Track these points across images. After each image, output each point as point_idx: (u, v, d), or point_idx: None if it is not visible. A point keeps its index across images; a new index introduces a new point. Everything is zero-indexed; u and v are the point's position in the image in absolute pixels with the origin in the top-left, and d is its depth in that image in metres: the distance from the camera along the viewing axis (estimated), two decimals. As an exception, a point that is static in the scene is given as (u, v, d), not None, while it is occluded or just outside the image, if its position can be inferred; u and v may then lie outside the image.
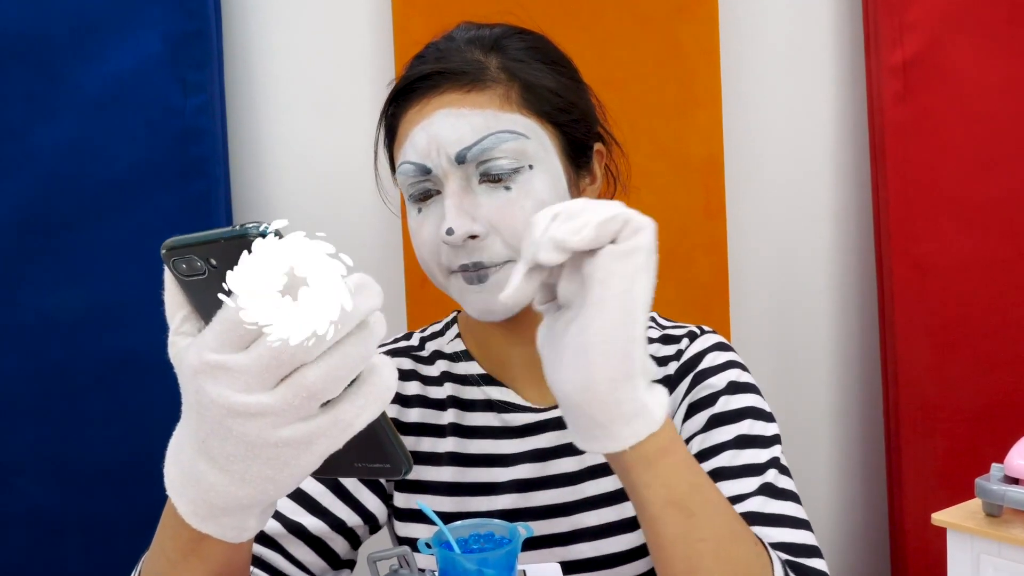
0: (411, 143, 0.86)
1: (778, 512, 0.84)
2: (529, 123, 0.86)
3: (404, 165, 0.87)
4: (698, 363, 0.95)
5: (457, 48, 0.89)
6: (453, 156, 0.84)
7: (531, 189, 0.85)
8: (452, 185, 0.84)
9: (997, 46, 1.47)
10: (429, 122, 0.85)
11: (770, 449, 0.88)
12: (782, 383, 1.55)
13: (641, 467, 0.67)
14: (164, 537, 0.62)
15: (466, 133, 0.84)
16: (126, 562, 1.38)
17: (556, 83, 0.89)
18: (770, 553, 0.74)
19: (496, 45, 0.89)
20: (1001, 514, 0.69)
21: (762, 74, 1.54)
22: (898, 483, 1.49)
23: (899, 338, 1.48)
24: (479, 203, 0.84)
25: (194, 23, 1.39)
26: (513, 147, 0.84)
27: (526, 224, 0.71)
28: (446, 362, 0.98)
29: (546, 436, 0.95)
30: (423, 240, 0.88)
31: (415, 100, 0.88)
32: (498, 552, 0.72)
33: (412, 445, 0.95)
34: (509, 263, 0.84)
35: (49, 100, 1.38)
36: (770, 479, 0.85)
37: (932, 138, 1.48)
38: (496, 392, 0.96)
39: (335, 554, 0.92)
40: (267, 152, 1.49)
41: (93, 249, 1.39)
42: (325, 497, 0.91)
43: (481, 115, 0.85)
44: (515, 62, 0.88)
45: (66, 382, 1.40)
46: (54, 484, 1.40)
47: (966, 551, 0.69)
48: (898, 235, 1.48)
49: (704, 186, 1.49)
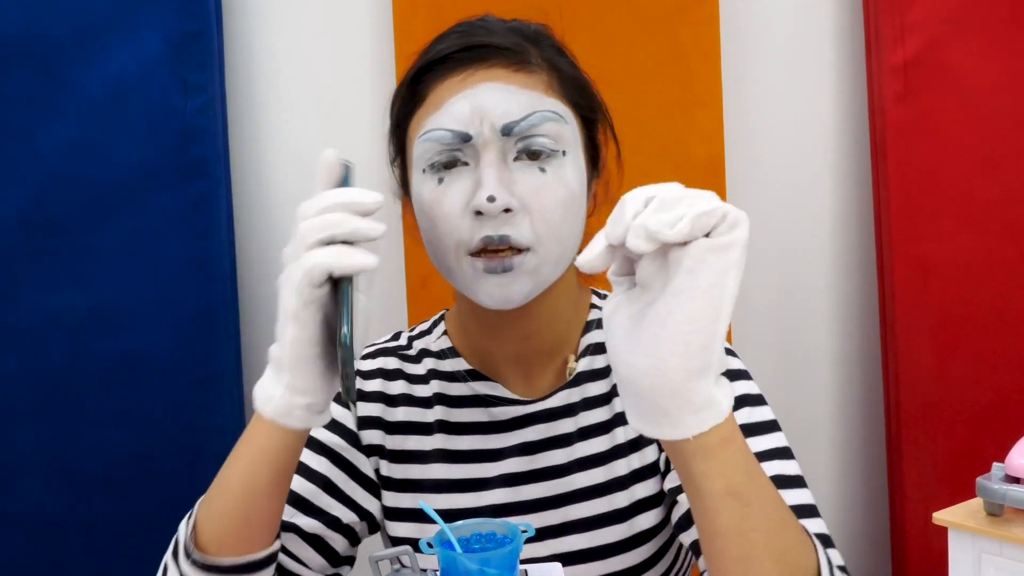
0: (448, 111, 0.85)
1: (796, 503, 0.84)
2: (566, 110, 0.88)
3: (438, 132, 0.85)
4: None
5: (500, 30, 0.90)
6: (499, 127, 0.84)
7: (563, 175, 0.86)
8: (491, 155, 0.84)
9: (998, 46, 1.47)
10: (474, 92, 0.85)
11: (771, 436, 0.89)
12: (783, 383, 1.55)
13: (700, 456, 0.67)
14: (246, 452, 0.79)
15: (513, 108, 0.85)
16: (127, 563, 1.38)
17: (586, 82, 0.93)
18: (814, 541, 0.75)
19: (535, 37, 0.91)
20: (1002, 513, 0.69)
21: (763, 74, 1.54)
22: (899, 482, 1.49)
23: (900, 338, 1.48)
24: (515, 179, 0.85)
25: (195, 24, 1.39)
26: (555, 128, 0.86)
27: (553, 208, 0.82)
28: (433, 360, 0.99)
29: (534, 429, 0.95)
30: (443, 212, 0.85)
31: (458, 69, 0.87)
32: (500, 551, 0.72)
33: (399, 444, 0.96)
34: (530, 252, 0.84)
35: (50, 101, 1.38)
36: (777, 470, 0.86)
37: (933, 138, 1.48)
38: (483, 387, 0.96)
39: (334, 551, 0.93)
40: (267, 152, 1.49)
41: (94, 250, 1.39)
42: (317, 496, 0.92)
43: (527, 95, 0.86)
44: (554, 55, 0.91)
45: (67, 383, 1.40)
46: (55, 485, 1.40)
47: (967, 550, 0.69)
48: (899, 235, 1.48)
49: (705, 186, 1.46)
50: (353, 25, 1.48)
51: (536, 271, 0.85)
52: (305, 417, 0.77)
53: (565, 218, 0.86)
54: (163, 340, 1.41)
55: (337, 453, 0.94)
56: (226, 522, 0.80)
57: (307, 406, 0.76)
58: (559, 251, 0.87)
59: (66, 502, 1.40)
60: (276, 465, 0.79)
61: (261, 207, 1.49)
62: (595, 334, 0.98)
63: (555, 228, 0.85)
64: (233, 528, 0.80)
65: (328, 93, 1.48)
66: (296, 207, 0.74)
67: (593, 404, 0.95)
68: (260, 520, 0.81)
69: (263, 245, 1.50)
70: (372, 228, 0.74)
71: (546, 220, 0.84)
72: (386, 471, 0.96)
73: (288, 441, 0.79)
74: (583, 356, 0.97)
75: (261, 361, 1.51)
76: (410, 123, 0.90)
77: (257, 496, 0.80)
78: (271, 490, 0.80)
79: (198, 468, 1.43)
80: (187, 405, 1.41)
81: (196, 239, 1.41)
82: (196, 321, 1.42)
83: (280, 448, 0.79)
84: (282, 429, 0.77)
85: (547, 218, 0.84)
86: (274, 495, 0.81)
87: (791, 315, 1.57)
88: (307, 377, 0.75)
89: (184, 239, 1.41)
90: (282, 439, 0.78)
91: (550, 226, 0.85)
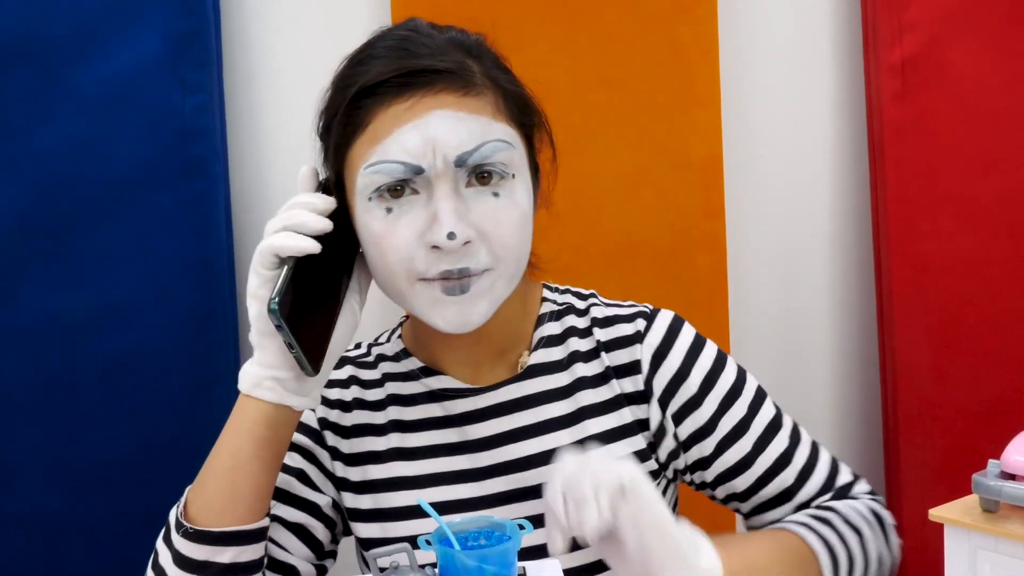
0: (397, 141, 0.84)
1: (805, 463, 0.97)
2: (513, 134, 0.88)
3: (388, 164, 0.84)
4: (663, 358, 0.96)
5: (440, 46, 0.87)
6: (452, 159, 0.84)
7: (516, 198, 0.87)
8: (445, 187, 0.84)
9: (997, 45, 1.47)
10: (424, 122, 0.84)
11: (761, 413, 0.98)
12: (781, 381, 1.55)
13: None
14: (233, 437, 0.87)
15: (465, 137, 0.84)
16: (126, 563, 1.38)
17: (526, 96, 0.93)
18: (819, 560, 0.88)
19: (476, 51, 0.90)
20: (998, 510, 0.69)
21: (761, 73, 1.54)
22: (896, 479, 1.50)
23: (898, 336, 1.48)
24: (469, 207, 0.85)
25: (193, 22, 1.39)
26: (506, 155, 0.86)
27: (511, 234, 0.86)
28: (389, 363, 1.01)
29: (494, 423, 0.96)
30: (395, 244, 0.86)
31: (402, 96, 0.85)
32: (498, 548, 0.72)
33: (354, 447, 0.98)
34: (488, 272, 0.86)
35: (48, 100, 1.38)
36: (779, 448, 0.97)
37: (931, 137, 1.48)
38: (434, 381, 0.98)
39: (317, 541, 0.96)
40: (266, 151, 1.49)
41: (92, 249, 1.39)
42: (294, 486, 0.96)
43: (477, 121, 0.85)
44: (495, 70, 0.90)
45: (65, 382, 1.40)
46: (53, 484, 1.40)
47: (963, 546, 0.69)
48: (897, 234, 1.48)
49: (703, 186, 1.49)
50: (352, 24, 1.47)
51: (492, 289, 0.87)
52: (276, 390, 0.85)
53: (521, 238, 0.88)
54: (161, 340, 1.41)
55: (306, 449, 0.98)
56: (214, 493, 0.86)
57: (275, 379, 0.85)
58: (515, 269, 0.89)
59: (64, 501, 1.40)
60: (256, 437, 0.86)
61: (260, 206, 1.49)
62: (548, 327, 0.99)
63: (512, 250, 0.87)
64: (220, 499, 0.86)
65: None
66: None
67: (554, 397, 0.96)
68: (246, 490, 0.87)
69: (262, 244, 1.50)
70: (317, 221, 0.85)
71: (504, 244, 0.87)
72: (342, 472, 0.98)
73: (266, 413, 0.86)
74: (536, 349, 0.98)
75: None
76: (350, 150, 0.88)
77: (242, 467, 0.86)
78: (254, 462, 0.86)
79: (196, 468, 1.43)
80: (185, 405, 1.41)
81: (194, 238, 1.41)
82: (194, 321, 1.41)
83: (258, 421, 0.86)
84: (257, 402, 0.86)
85: (504, 242, 0.87)
86: (257, 468, 0.87)
87: (789, 313, 1.57)
88: (269, 351, 0.85)
89: (182, 238, 1.41)
90: (259, 411, 0.86)
91: (507, 249, 0.87)
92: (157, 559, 0.88)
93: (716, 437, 0.96)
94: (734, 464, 0.96)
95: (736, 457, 0.96)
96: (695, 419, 0.96)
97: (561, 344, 0.98)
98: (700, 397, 0.96)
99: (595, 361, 0.97)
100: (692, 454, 0.97)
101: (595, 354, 0.97)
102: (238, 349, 1.47)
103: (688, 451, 0.97)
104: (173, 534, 0.87)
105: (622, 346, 0.97)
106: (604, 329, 0.98)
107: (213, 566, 0.85)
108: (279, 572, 0.95)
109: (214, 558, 0.85)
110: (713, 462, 0.97)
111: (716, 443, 0.96)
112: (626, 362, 0.96)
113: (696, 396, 0.96)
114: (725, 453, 0.96)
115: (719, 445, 0.96)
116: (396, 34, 0.91)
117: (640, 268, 1.48)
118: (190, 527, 0.85)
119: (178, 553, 0.86)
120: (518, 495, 0.94)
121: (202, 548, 0.85)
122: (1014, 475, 0.69)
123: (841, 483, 0.97)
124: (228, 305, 1.44)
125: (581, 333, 0.98)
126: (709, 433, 0.96)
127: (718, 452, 0.96)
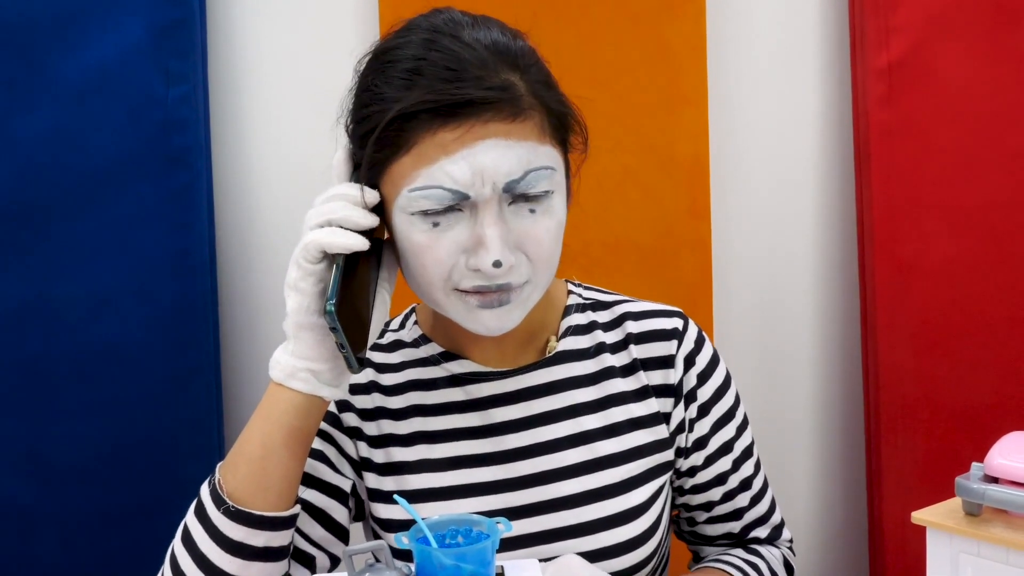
0: (444, 169, 0.83)
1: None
2: (556, 155, 0.89)
3: (436, 191, 0.83)
4: (693, 362, 1.00)
5: (485, 63, 0.84)
6: (501, 186, 0.84)
7: (552, 210, 0.88)
8: (492, 214, 0.84)
9: (982, 50, 1.47)
10: (471, 152, 0.83)
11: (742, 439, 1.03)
12: (764, 382, 1.56)
13: None
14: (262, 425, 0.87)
15: (514, 165, 0.84)
16: (102, 558, 1.37)
17: (568, 108, 0.92)
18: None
19: (522, 62, 0.87)
20: (981, 513, 0.69)
21: (748, 74, 1.54)
22: (878, 482, 1.50)
23: (881, 338, 1.49)
24: (510, 228, 0.85)
25: (177, 12, 1.38)
26: (548, 182, 0.87)
27: (548, 247, 0.87)
28: (408, 349, 1.01)
29: (519, 407, 0.97)
30: (439, 257, 0.85)
31: (449, 124, 0.83)
32: (475, 547, 0.72)
33: (375, 429, 0.98)
34: (527, 284, 0.88)
35: (29, 89, 1.36)
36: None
37: (916, 141, 1.48)
38: (456, 366, 0.98)
39: (339, 524, 0.97)
40: (249, 143, 1.47)
41: (71, 239, 1.38)
42: (318, 469, 0.96)
43: (524, 147, 0.85)
44: (538, 84, 0.88)
45: (42, 373, 1.38)
46: (28, 477, 1.39)
47: (945, 550, 0.69)
48: (881, 236, 1.48)
49: (689, 185, 1.48)
50: (337, 15, 1.47)
51: (529, 298, 0.89)
52: (310, 381, 0.86)
53: (556, 248, 0.89)
54: (141, 331, 1.40)
55: (326, 432, 0.98)
56: (246, 477, 0.87)
57: (309, 371, 0.86)
58: (550, 276, 0.90)
59: (39, 495, 1.38)
60: (287, 426, 0.87)
61: (242, 199, 1.48)
62: (575, 317, 1.01)
63: (548, 260, 0.88)
64: (251, 484, 0.86)
65: (312, 84, 1.46)
66: (278, 200, 0.78)
67: (583, 383, 0.98)
68: (276, 477, 0.87)
69: (243, 237, 1.49)
70: (364, 217, 0.85)
71: (541, 257, 0.87)
72: (365, 453, 0.98)
73: (297, 403, 0.87)
74: (565, 336, 1.00)
75: (240, 353, 1.52)
76: (390, 166, 0.86)
77: (271, 455, 0.87)
78: (283, 451, 0.87)
79: (174, 461, 1.42)
80: (164, 397, 1.40)
81: (176, 230, 1.40)
82: (174, 313, 1.40)
83: (289, 410, 0.87)
84: (289, 391, 0.87)
85: (542, 255, 0.87)
86: (286, 456, 0.87)
87: (772, 315, 1.57)
88: (306, 343, 0.85)
89: (164, 230, 1.40)
90: (290, 401, 0.87)
91: (544, 261, 0.88)
92: (189, 534, 0.88)
93: (706, 452, 1.00)
94: (711, 479, 1.01)
95: (714, 473, 1.01)
96: (698, 429, 1.00)
97: (588, 334, 1.00)
98: (707, 408, 1.00)
99: (622, 352, 0.99)
100: (690, 460, 1.01)
101: (623, 346, 0.99)
102: (218, 341, 1.45)
103: (688, 457, 1.01)
104: (211, 510, 0.86)
105: (657, 339, 0.99)
106: (638, 322, 1.00)
107: (247, 548, 0.86)
108: (298, 561, 0.95)
109: (249, 540, 0.86)
110: (698, 473, 1.01)
111: (705, 457, 1.00)
112: (659, 355, 0.99)
113: (705, 406, 1.00)
114: (710, 467, 1.01)
115: (707, 459, 1.01)
116: (441, 45, 0.85)
117: (625, 266, 1.47)
118: (232, 505, 0.86)
119: (216, 530, 0.86)
120: (542, 478, 0.95)
121: (241, 529, 0.86)
122: (997, 478, 0.68)
123: (775, 522, 1.05)
124: (209, 297, 1.43)
125: (605, 327, 1.00)
126: (703, 446, 1.00)
127: (705, 465, 1.01)
